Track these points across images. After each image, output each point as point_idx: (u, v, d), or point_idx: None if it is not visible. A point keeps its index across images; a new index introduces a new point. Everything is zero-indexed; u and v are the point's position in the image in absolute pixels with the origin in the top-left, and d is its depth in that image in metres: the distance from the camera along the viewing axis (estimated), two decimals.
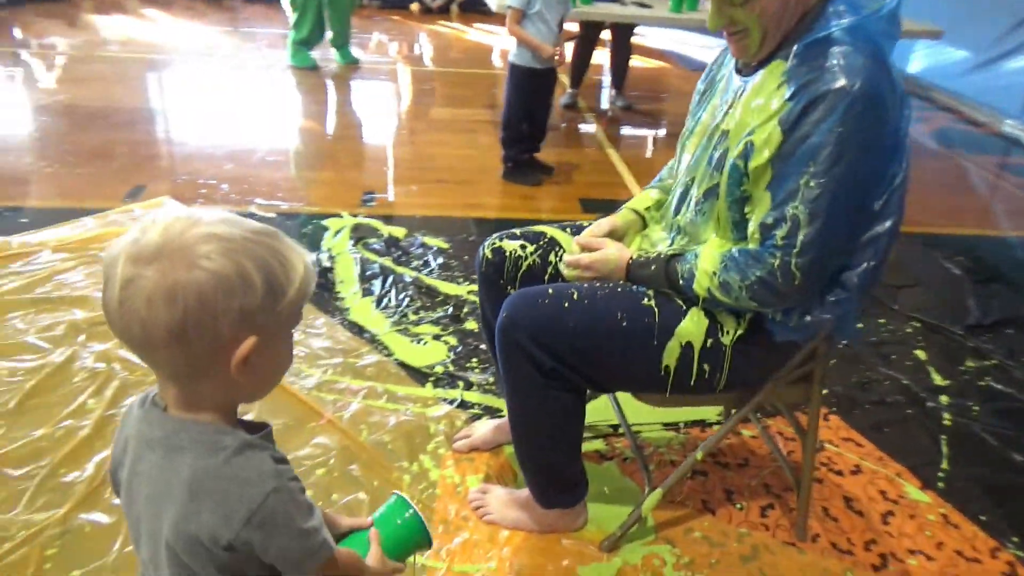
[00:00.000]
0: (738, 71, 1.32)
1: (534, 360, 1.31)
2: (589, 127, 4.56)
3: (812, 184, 1.14)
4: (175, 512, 0.71)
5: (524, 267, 1.52)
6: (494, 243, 1.55)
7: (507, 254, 1.53)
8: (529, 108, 3.44)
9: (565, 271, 1.43)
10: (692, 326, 1.30)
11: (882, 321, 2.51)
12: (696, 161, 1.36)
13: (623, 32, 4.59)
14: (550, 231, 1.56)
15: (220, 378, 0.70)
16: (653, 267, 1.32)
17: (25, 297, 2.25)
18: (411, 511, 0.95)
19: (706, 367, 1.32)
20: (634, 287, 1.35)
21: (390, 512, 0.95)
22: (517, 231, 1.57)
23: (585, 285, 1.36)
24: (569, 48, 4.80)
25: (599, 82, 5.54)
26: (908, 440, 1.94)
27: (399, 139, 4.14)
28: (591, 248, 1.42)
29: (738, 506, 1.68)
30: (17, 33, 6.07)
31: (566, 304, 1.30)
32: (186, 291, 0.65)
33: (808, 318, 1.28)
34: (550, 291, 1.33)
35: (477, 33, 7.19)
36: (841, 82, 1.11)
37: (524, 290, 1.35)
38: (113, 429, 1.77)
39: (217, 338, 0.68)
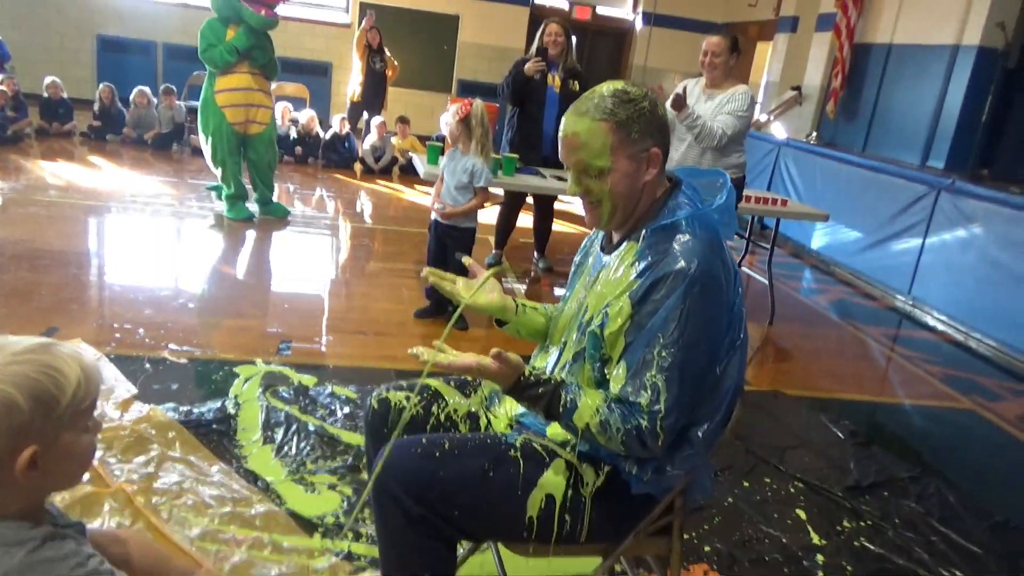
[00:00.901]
0: (602, 249, 1.51)
1: (404, 508, 1.36)
2: (511, 286, 4.79)
3: (664, 354, 1.29)
4: None
5: (407, 417, 1.60)
6: (380, 394, 1.64)
7: (392, 405, 1.61)
8: (433, 260, 3.80)
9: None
10: (554, 477, 1.39)
11: (767, 480, 2.62)
12: (567, 327, 1.51)
13: (545, 201, 4.95)
14: (435, 384, 1.66)
15: (13, 485, 0.78)
16: (541, 390, 1.35)
17: None
18: None
19: (567, 518, 1.39)
20: (502, 437, 1.44)
21: None
22: (404, 383, 1.67)
23: (457, 436, 1.44)
24: (495, 213, 5.14)
25: (525, 245, 5.86)
26: None
27: (322, 290, 4.27)
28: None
29: None
30: None
31: (437, 454, 1.38)
32: None
33: (660, 473, 1.39)
34: (423, 441, 1.41)
35: (415, 194, 7.59)
36: (681, 264, 1.29)
37: (400, 440, 1.43)
38: None
39: None
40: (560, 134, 1.41)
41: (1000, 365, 4.38)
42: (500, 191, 4.76)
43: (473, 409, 1.63)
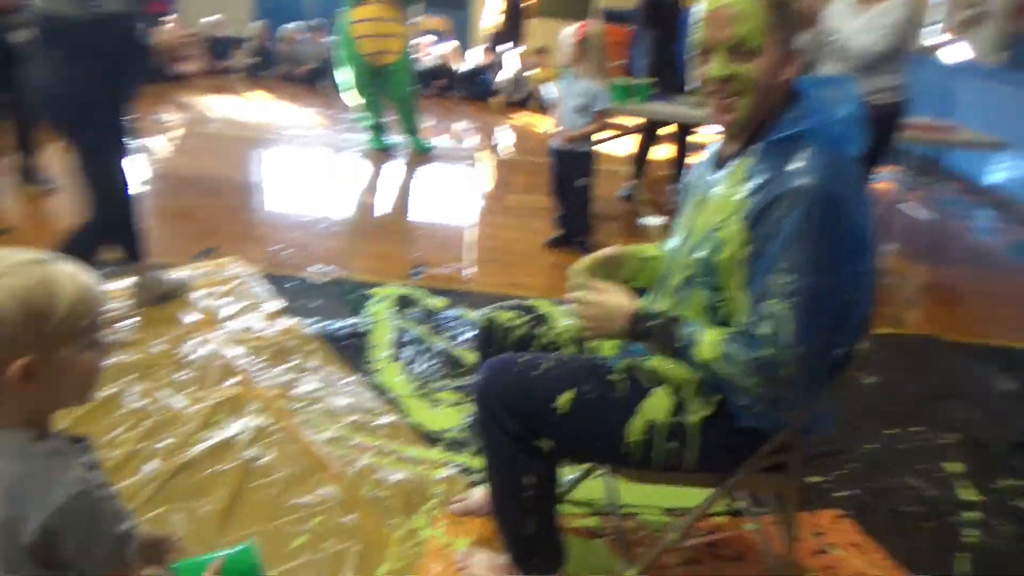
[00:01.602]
0: (711, 168, 1.40)
1: (504, 424, 1.36)
2: (645, 221, 4.66)
3: (785, 280, 1.18)
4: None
5: (513, 336, 1.59)
6: (488, 313, 1.64)
7: (500, 323, 1.61)
8: (555, 188, 3.77)
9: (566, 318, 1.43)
10: (657, 403, 1.33)
11: (915, 429, 2.42)
12: (676, 251, 1.43)
13: (683, 129, 4.73)
14: (544, 306, 1.64)
15: (13, 398, 0.79)
16: (657, 322, 1.29)
17: None
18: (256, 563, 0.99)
19: (671, 446, 1.34)
20: (604, 360, 1.40)
21: (239, 557, 1.01)
22: (512, 303, 1.65)
23: (559, 356, 1.42)
24: (630, 143, 4.98)
25: (663, 177, 5.66)
26: (921, 552, 1.86)
27: (455, 219, 4.34)
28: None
29: None
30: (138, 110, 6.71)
31: (534, 373, 1.36)
32: None
33: (772, 407, 1.30)
34: (522, 359, 1.40)
35: (551, 126, 7.50)
36: (801, 181, 1.17)
37: (500, 357, 1.42)
38: (138, 462, 1.90)
39: None
40: (708, 8, 1.26)
41: None
42: (631, 119, 4.59)
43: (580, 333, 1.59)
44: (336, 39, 5.52)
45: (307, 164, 5.34)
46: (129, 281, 2.74)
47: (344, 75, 5.63)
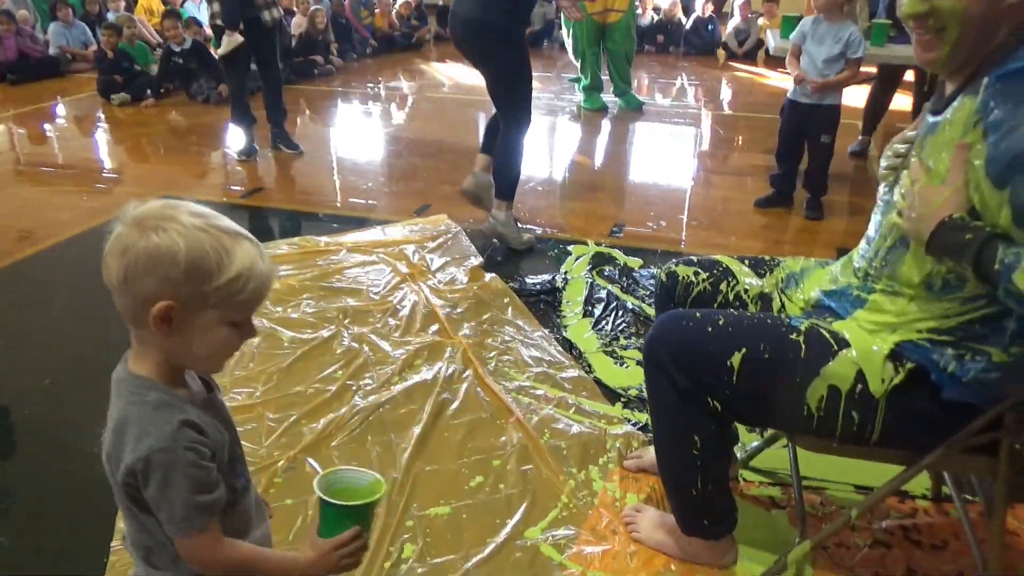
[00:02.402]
0: (931, 112, 1.24)
1: (673, 380, 1.34)
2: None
3: None
4: (107, 447, 0.89)
5: (695, 292, 1.55)
6: (670, 268, 1.61)
7: (680, 279, 1.57)
8: (784, 144, 3.48)
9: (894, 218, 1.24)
10: (841, 368, 1.24)
11: None
12: (888, 208, 1.30)
13: (923, 76, 4.19)
14: (727, 261, 1.57)
15: (151, 334, 0.85)
16: (969, 236, 1.08)
17: (316, 284, 2.78)
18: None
19: (855, 415, 1.24)
20: (787, 320, 1.32)
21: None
22: (695, 258, 1.61)
23: (737, 312, 1.36)
24: (860, 93, 4.53)
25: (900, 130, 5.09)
26: None
27: (662, 178, 4.25)
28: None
29: None
30: (377, 76, 7.33)
31: (710, 328, 1.32)
32: (135, 251, 0.82)
33: (988, 374, 1.15)
34: (697, 315, 1.36)
35: (779, 78, 7.01)
36: None
37: (673, 312, 1.39)
38: (350, 397, 2.13)
39: (141, 291, 0.83)
40: None
41: None
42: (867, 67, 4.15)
43: (767, 291, 1.51)
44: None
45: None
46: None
47: (567, 36, 5.71)
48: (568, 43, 5.74)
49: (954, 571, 1.55)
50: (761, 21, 7.87)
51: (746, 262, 1.58)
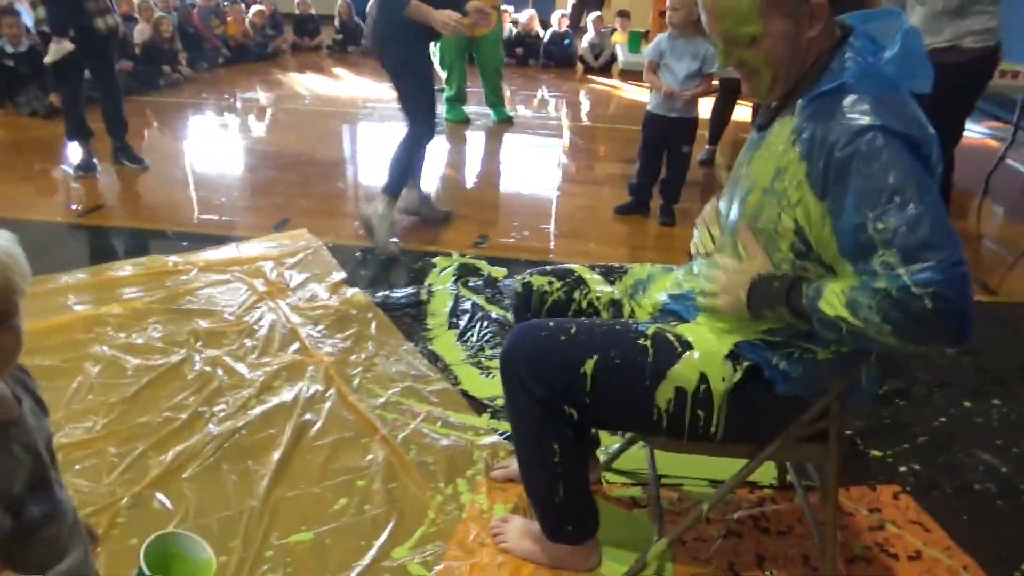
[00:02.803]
0: (756, 128, 1.33)
1: (530, 389, 1.36)
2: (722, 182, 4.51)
3: (880, 226, 1.05)
4: None
5: (550, 302, 1.58)
6: (525, 278, 1.63)
7: (535, 288, 1.60)
8: (648, 156, 3.61)
9: (701, 300, 1.33)
10: (686, 370, 1.29)
11: (996, 402, 2.26)
12: (726, 218, 1.37)
13: None
14: (579, 270, 1.61)
15: None
16: (777, 283, 1.19)
17: (164, 307, 2.61)
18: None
19: (700, 414, 1.30)
20: (634, 325, 1.37)
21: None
22: (549, 268, 1.64)
23: (588, 321, 1.39)
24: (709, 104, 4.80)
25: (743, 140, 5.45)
26: (989, 533, 1.74)
27: (523, 187, 4.32)
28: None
29: (767, 573, 1.60)
30: (232, 87, 7.02)
31: (562, 337, 1.35)
32: None
33: (812, 371, 1.24)
34: (551, 324, 1.38)
35: (634, 90, 7.33)
36: (858, 125, 1.08)
37: (526, 323, 1.41)
38: (203, 424, 2.01)
39: None
40: (700, 1, 1.22)
41: None
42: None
43: (617, 297, 1.56)
44: None
45: (384, 138, 5.43)
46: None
47: (433, 47, 5.68)
48: (434, 53, 5.73)
49: (799, 554, 1.66)
50: (614, 36, 8.21)
51: (597, 270, 1.62)
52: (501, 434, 2.02)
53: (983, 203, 4.22)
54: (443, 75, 5.72)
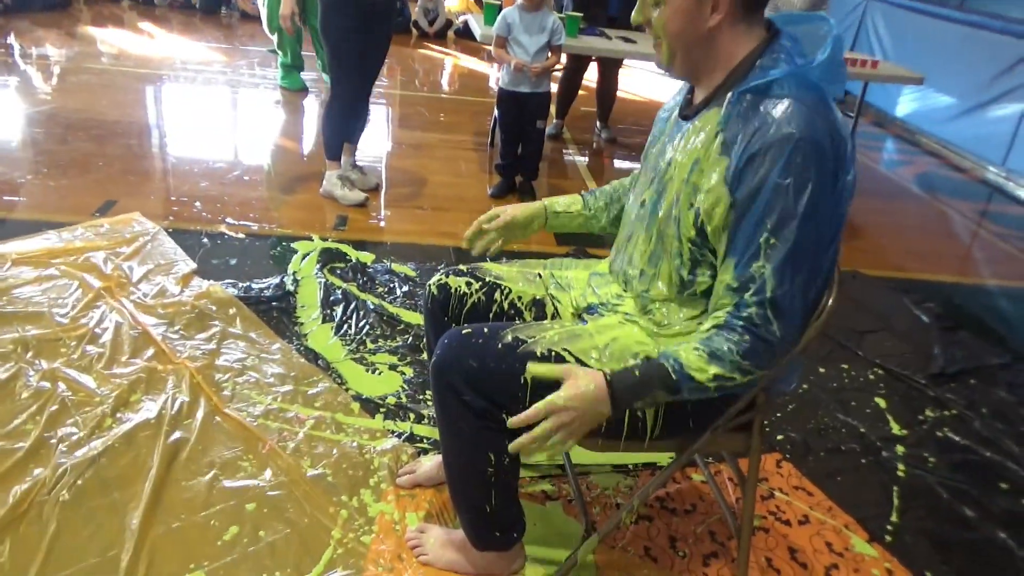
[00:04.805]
0: (681, 116, 1.32)
1: (466, 401, 1.28)
2: (572, 158, 4.58)
3: (772, 241, 1.12)
4: None
5: (469, 304, 1.50)
6: (440, 279, 1.53)
7: (452, 290, 1.51)
8: (508, 133, 3.53)
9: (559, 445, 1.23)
10: None
11: (845, 367, 2.49)
12: (641, 213, 1.35)
13: (610, 66, 4.62)
14: (495, 268, 1.55)
15: None
16: (635, 372, 1.19)
17: None
18: None
19: (637, 415, 1.29)
20: (573, 327, 1.33)
21: None
22: (464, 267, 1.55)
23: (519, 325, 1.33)
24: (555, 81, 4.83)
25: (588, 114, 5.57)
26: (860, 490, 1.92)
27: (377, 163, 4.13)
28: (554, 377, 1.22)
29: (680, 554, 1.65)
30: (12, 40, 6.08)
31: (499, 346, 1.28)
32: None
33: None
34: (485, 331, 1.31)
35: (471, 60, 7.24)
36: (780, 132, 1.10)
37: (458, 330, 1.33)
38: (47, 451, 1.73)
39: None
40: None
41: None
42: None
43: (538, 296, 1.51)
44: None
45: (210, 104, 4.96)
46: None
47: (261, 7, 5.24)
48: (263, 14, 5.29)
49: (706, 531, 1.72)
50: (458, 3, 8.04)
51: (514, 265, 1.56)
52: (399, 435, 1.93)
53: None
54: (274, 39, 5.33)
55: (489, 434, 1.31)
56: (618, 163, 4.65)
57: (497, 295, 1.50)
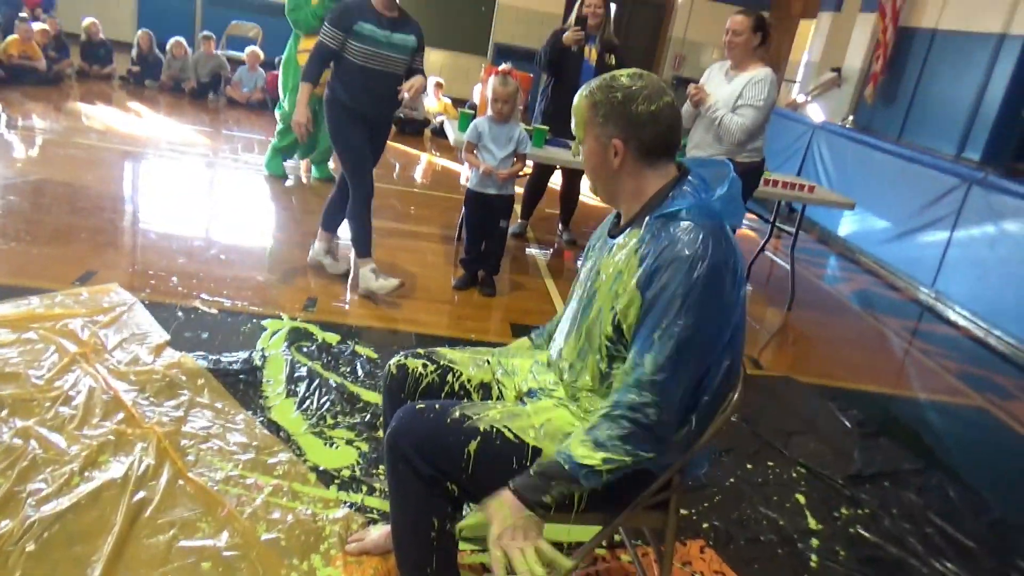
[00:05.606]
0: (609, 234, 1.57)
1: (415, 468, 1.45)
2: (534, 256, 4.85)
3: (662, 337, 1.35)
4: None
5: (424, 384, 1.69)
6: (400, 360, 1.72)
7: (409, 371, 1.70)
8: (473, 231, 3.78)
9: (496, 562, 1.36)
10: (553, 452, 1.46)
11: (771, 464, 2.69)
12: (574, 315, 1.58)
13: (572, 173, 4.97)
14: (449, 353, 1.74)
15: None
16: (531, 473, 1.38)
17: None
18: None
19: (565, 489, 1.47)
20: (514, 408, 1.52)
21: None
22: (421, 351, 1.75)
23: (468, 404, 1.52)
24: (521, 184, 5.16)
25: (552, 216, 5.91)
26: None
27: (348, 250, 4.34)
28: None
29: None
30: (1, 112, 6.30)
31: (448, 421, 1.46)
32: None
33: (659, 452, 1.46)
34: (436, 407, 1.49)
35: (445, 158, 7.63)
36: (682, 251, 1.34)
37: (412, 405, 1.51)
38: (16, 505, 1.83)
39: None
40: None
41: (1018, 364, 4.37)
42: (528, 162, 4.79)
43: (486, 380, 1.70)
44: (283, 65, 5.42)
45: (191, 184, 5.19)
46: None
47: (283, 99, 5.51)
48: (284, 104, 5.52)
49: None
50: (436, 105, 8.50)
51: (467, 352, 1.76)
52: (351, 505, 2.06)
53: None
54: (279, 125, 5.56)
55: (435, 500, 1.47)
56: (577, 262, 4.93)
57: (450, 377, 1.69)
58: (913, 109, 7.08)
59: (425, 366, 1.69)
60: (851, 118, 7.80)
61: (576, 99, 1.51)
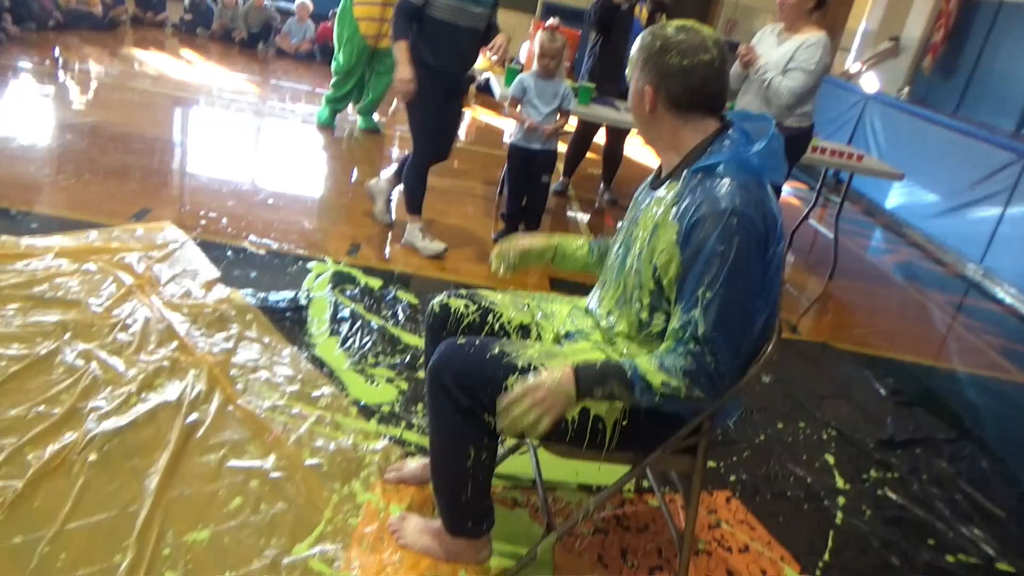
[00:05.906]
0: (651, 185, 1.59)
1: (455, 399, 1.51)
2: (575, 215, 4.87)
3: (708, 294, 1.37)
4: None
5: (465, 323, 1.74)
6: (442, 300, 1.78)
7: (452, 310, 1.75)
8: (515, 185, 3.79)
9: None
10: None
11: (802, 424, 2.71)
12: (614, 262, 1.61)
13: (617, 133, 4.95)
14: (490, 295, 1.79)
15: None
16: (598, 365, 1.42)
17: (22, 293, 2.46)
18: None
19: (600, 427, 1.52)
20: (551, 348, 1.57)
21: None
22: (463, 291, 1.80)
23: (508, 341, 1.57)
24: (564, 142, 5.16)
25: (595, 175, 5.89)
26: (798, 530, 2.12)
27: (392, 199, 4.41)
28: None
29: (629, 564, 1.86)
30: (59, 55, 6.46)
31: (488, 356, 1.52)
32: None
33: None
34: (477, 343, 1.55)
35: (488, 114, 7.62)
36: (719, 206, 1.36)
37: (453, 339, 1.57)
38: (79, 419, 1.95)
39: None
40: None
41: None
42: (573, 120, 4.77)
43: (525, 322, 1.75)
44: (338, 17, 5.50)
45: (241, 130, 5.29)
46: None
47: (337, 50, 5.60)
48: (337, 56, 5.60)
49: (654, 548, 1.93)
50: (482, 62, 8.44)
51: (508, 295, 1.81)
52: (390, 438, 2.14)
53: (785, 254, 4.90)
54: (334, 77, 5.63)
55: (472, 431, 1.54)
56: (616, 223, 4.94)
57: (490, 318, 1.74)
58: (973, 82, 6.86)
59: (467, 306, 1.75)
60: (907, 89, 7.58)
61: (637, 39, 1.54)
